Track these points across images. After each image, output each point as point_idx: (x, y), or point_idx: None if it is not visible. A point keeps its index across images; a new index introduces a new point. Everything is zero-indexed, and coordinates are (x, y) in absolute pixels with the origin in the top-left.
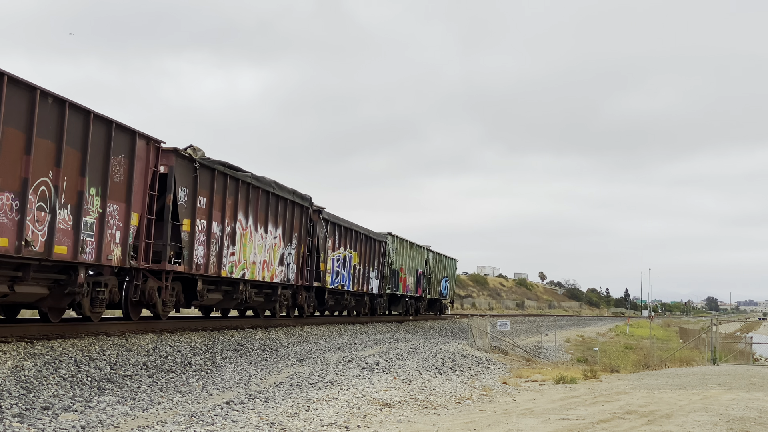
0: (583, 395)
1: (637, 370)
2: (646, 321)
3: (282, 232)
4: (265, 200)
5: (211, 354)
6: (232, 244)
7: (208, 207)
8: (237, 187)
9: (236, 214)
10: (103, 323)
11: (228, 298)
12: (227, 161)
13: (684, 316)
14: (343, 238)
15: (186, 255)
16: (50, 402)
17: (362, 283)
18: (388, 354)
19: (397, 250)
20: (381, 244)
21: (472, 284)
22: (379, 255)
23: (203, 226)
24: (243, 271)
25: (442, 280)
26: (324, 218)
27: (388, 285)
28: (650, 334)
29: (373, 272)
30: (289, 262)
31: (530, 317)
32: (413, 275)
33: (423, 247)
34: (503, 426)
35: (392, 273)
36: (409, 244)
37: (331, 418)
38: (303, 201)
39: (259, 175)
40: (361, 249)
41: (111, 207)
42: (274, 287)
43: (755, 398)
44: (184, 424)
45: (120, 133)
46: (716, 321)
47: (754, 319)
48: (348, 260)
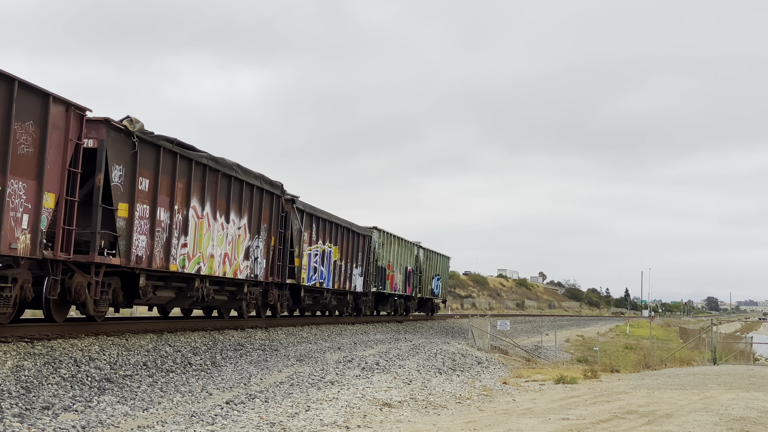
0: (584, 395)
1: (637, 370)
2: (646, 321)
3: (248, 222)
4: (226, 185)
5: (211, 354)
6: (184, 234)
7: (152, 190)
8: (190, 168)
9: (189, 199)
10: (103, 323)
11: (182, 296)
12: (176, 138)
13: (684, 316)
14: (321, 231)
15: (123, 245)
16: (50, 402)
17: (344, 281)
18: (388, 354)
19: (383, 246)
20: (365, 238)
21: (472, 284)
22: (363, 251)
23: (146, 212)
24: (198, 265)
25: (433, 279)
26: (298, 208)
27: (374, 283)
28: (650, 334)
29: (356, 269)
30: (256, 257)
31: (530, 317)
32: (402, 273)
33: (413, 243)
34: (503, 426)
35: (378, 270)
36: (398, 240)
37: (331, 418)
38: (273, 188)
39: (217, 156)
40: (342, 243)
41: (15, 184)
42: (239, 284)
43: (755, 398)
44: (184, 424)
45: (26, 95)
46: (716, 321)
47: (754, 319)
48: (328, 255)
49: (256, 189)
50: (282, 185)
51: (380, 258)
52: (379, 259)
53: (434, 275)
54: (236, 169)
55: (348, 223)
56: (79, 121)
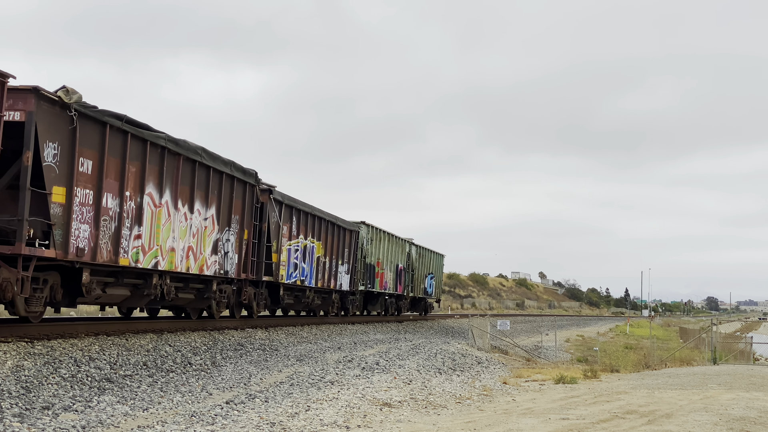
0: (584, 395)
1: (637, 369)
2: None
3: (216, 213)
4: (190, 171)
5: (211, 354)
6: (137, 224)
7: (96, 173)
8: (144, 150)
9: (143, 185)
10: (103, 323)
11: (138, 294)
12: (127, 115)
13: (684, 316)
14: (302, 224)
15: (59, 236)
16: (50, 402)
17: (329, 279)
18: (388, 354)
19: (372, 242)
20: (352, 234)
21: (472, 284)
22: (350, 247)
23: (88, 197)
24: (156, 259)
25: (426, 277)
26: (276, 199)
27: (361, 281)
28: (650, 334)
29: (342, 266)
30: (226, 251)
31: (530, 317)
32: (393, 271)
33: (404, 239)
34: (503, 426)
35: (367, 268)
36: (388, 236)
37: (331, 417)
38: (245, 176)
39: (178, 137)
40: (326, 239)
41: None
42: (208, 281)
43: (755, 398)
44: (184, 423)
45: None
46: (716, 321)
47: (754, 318)
48: (310, 251)
49: (226, 176)
50: (256, 173)
51: (369, 255)
52: (367, 256)
53: (427, 273)
54: (201, 154)
55: (333, 216)
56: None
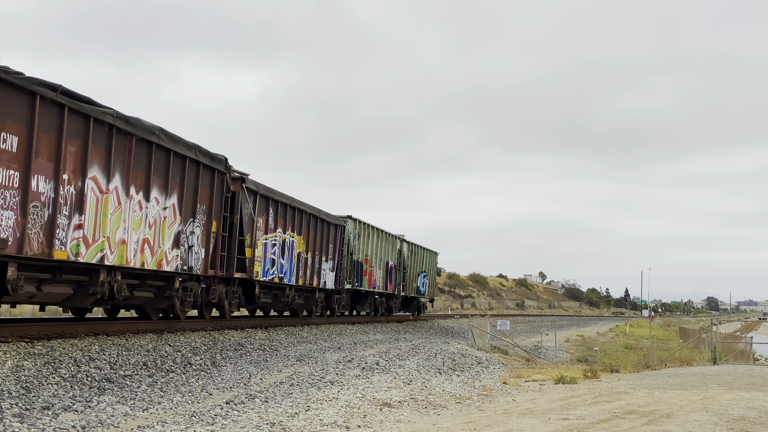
0: (583, 395)
1: (637, 370)
2: (646, 321)
3: (178, 202)
4: (145, 154)
5: (211, 354)
6: (78, 212)
7: (23, 151)
8: (87, 127)
9: (86, 167)
10: (103, 323)
11: (82, 292)
12: (62, 85)
13: (684, 316)
14: (281, 217)
15: None
16: (50, 402)
17: (311, 276)
18: (388, 354)
19: (360, 238)
20: (338, 228)
21: (472, 284)
22: (335, 242)
23: (12, 179)
24: (102, 252)
25: (419, 276)
26: (249, 189)
27: (348, 279)
28: (650, 334)
29: (326, 263)
30: (191, 245)
31: (530, 317)
32: (382, 268)
33: (395, 236)
34: (503, 426)
35: (354, 265)
36: (377, 231)
37: (331, 417)
38: (213, 162)
39: (131, 115)
40: (309, 233)
41: None
42: (169, 278)
43: (755, 398)
44: (184, 424)
45: None
46: (716, 321)
47: (754, 319)
48: (289, 246)
49: (190, 162)
50: (226, 159)
51: (356, 251)
52: (354, 253)
53: (420, 272)
54: (159, 134)
55: (315, 209)
56: None
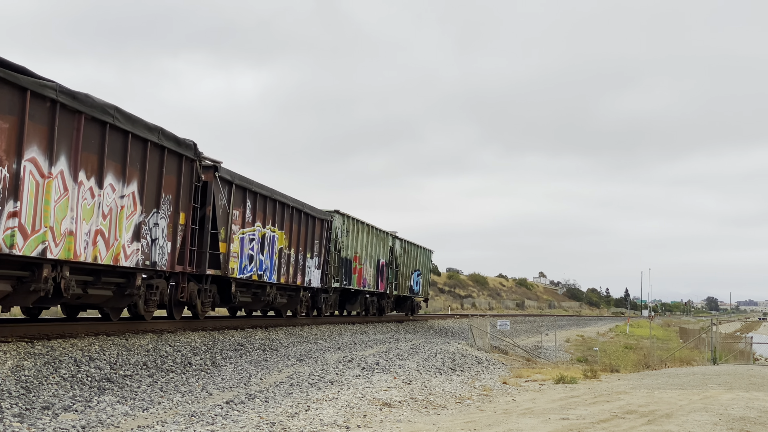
0: (583, 395)
1: (637, 369)
2: (646, 321)
3: (138, 190)
4: (98, 135)
5: (211, 354)
6: (12, 198)
7: None
8: (23, 101)
9: (21, 147)
10: (103, 323)
11: (23, 290)
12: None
13: (684, 316)
14: (260, 210)
15: None
16: (50, 402)
17: (295, 274)
18: (388, 354)
19: (349, 234)
20: (324, 224)
21: (472, 284)
22: (321, 238)
23: None
24: (44, 245)
25: (412, 274)
26: (223, 178)
27: (336, 277)
28: (650, 334)
29: (312, 260)
30: (155, 238)
31: (530, 317)
32: (373, 266)
33: (387, 232)
34: (503, 426)
35: (342, 262)
36: (367, 227)
37: (331, 417)
38: (180, 147)
39: (80, 91)
40: (291, 228)
41: None
42: (130, 275)
43: (755, 398)
44: (184, 423)
45: None
46: (716, 321)
47: (754, 319)
48: (270, 242)
49: (153, 146)
50: (195, 145)
51: (344, 248)
52: (342, 250)
53: (413, 270)
54: (113, 114)
55: (299, 202)
56: None
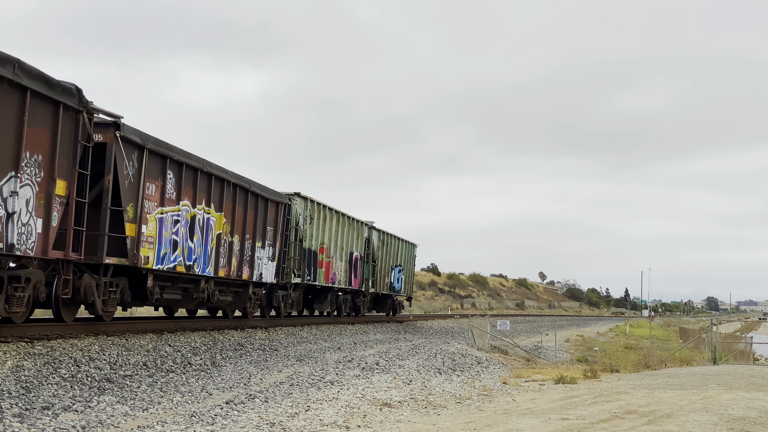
0: (583, 395)
1: (637, 370)
2: (646, 321)
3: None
4: None
5: (211, 354)
6: None
7: None
8: None
9: None
10: (103, 323)
11: None
12: None
13: (684, 316)
14: (188, 185)
15: None
16: (50, 402)
17: (240, 266)
18: (388, 354)
19: (313, 221)
20: (280, 207)
21: (472, 284)
22: (276, 225)
23: None
24: None
25: (393, 270)
26: (130, 140)
27: (296, 271)
28: (650, 334)
29: (263, 250)
30: (12, 211)
31: (530, 317)
32: (345, 260)
33: (362, 222)
34: (503, 426)
35: (305, 254)
36: (337, 215)
37: (331, 418)
38: (54, 92)
39: None
40: (234, 210)
41: None
42: None
43: (755, 398)
44: (184, 424)
45: None
46: (716, 321)
47: (754, 319)
48: (204, 226)
49: (5, 84)
50: (79, 91)
51: (307, 237)
52: (305, 239)
53: (394, 266)
54: None
55: (244, 179)
56: None
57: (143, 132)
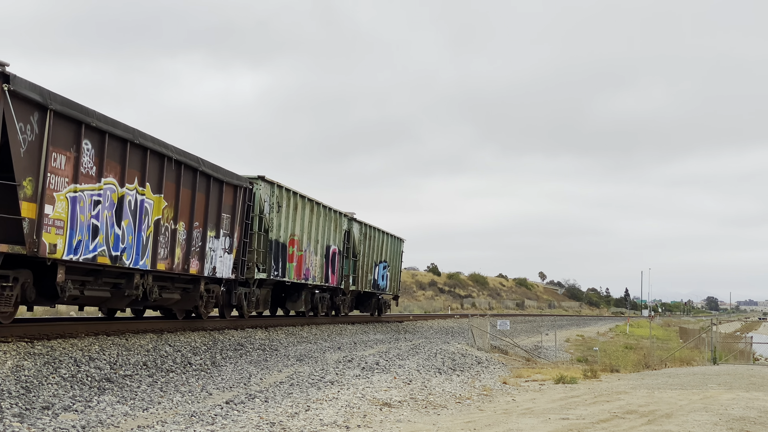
0: (583, 395)
1: (637, 369)
2: (646, 321)
3: None
4: None
5: (211, 354)
6: None
7: None
8: None
9: None
10: (103, 323)
11: None
12: None
13: (684, 315)
14: (114, 159)
15: None
16: (50, 402)
17: (187, 258)
18: (388, 354)
19: (281, 209)
20: (239, 192)
21: (472, 284)
22: (233, 212)
23: None
24: None
25: (377, 266)
26: (24, 97)
27: (261, 265)
28: (650, 333)
29: (217, 241)
30: None
31: (530, 317)
32: (320, 254)
33: (341, 212)
34: (503, 426)
35: (272, 246)
36: (310, 204)
37: (331, 417)
38: None
39: None
40: (178, 192)
41: None
42: None
43: (755, 398)
44: (184, 423)
45: None
46: (716, 321)
47: (754, 318)
48: (137, 209)
49: None
50: None
51: (274, 227)
52: (272, 230)
53: (379, 261)
54: None
55: (192, 156)
56: None
57: (47, 89)
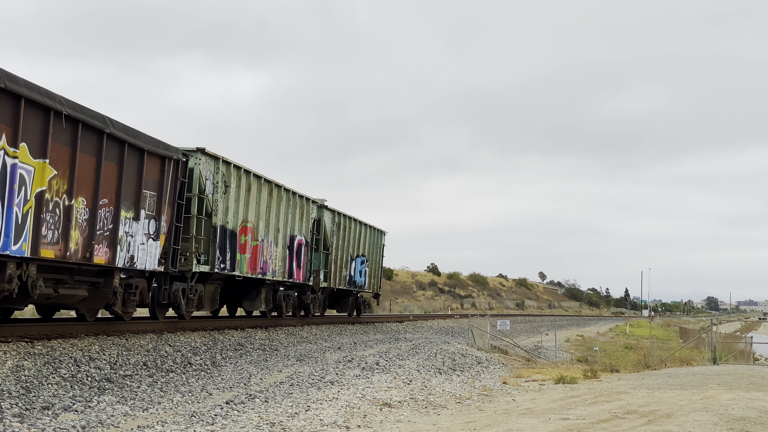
0: (583, 395)
1: (637, 369)
2: (646, 321)
3: None
4: None
5: (211, 354)
6: None
7: None
8: None
9: None
10: (103, 323)
11: None
12: None
13: (684, 316)
14: None
15: None
16: (50, 402)
17: (89, 244)
18: (388, 354)
19: (229, 190)
20: (167, 164)
21: (472, 284)
22: (161, 189)
23: None
24: None
25: (354, 261)
26: None
27: (202, 256)
28: (650, 333)
29: (136, 223)
30: None
31: (530, 317)
32: (282, 245)
33: (309, 198)
34: (503, 426)
35: (216, 234)
36: (269, 186)
37: (331, 417)
38: None
39: None
40: (74, 159)
41: None
42: None
43: (755, 398)
44: (184, 424)
45: None
46: (716, 321)
47: (754, 318)
48: (6, 178)
49: None
50: None
51: (220, 211)
52: (216, 213)
53: (356, 255)
54: None
55: (97, 116)
56: None
57: None
